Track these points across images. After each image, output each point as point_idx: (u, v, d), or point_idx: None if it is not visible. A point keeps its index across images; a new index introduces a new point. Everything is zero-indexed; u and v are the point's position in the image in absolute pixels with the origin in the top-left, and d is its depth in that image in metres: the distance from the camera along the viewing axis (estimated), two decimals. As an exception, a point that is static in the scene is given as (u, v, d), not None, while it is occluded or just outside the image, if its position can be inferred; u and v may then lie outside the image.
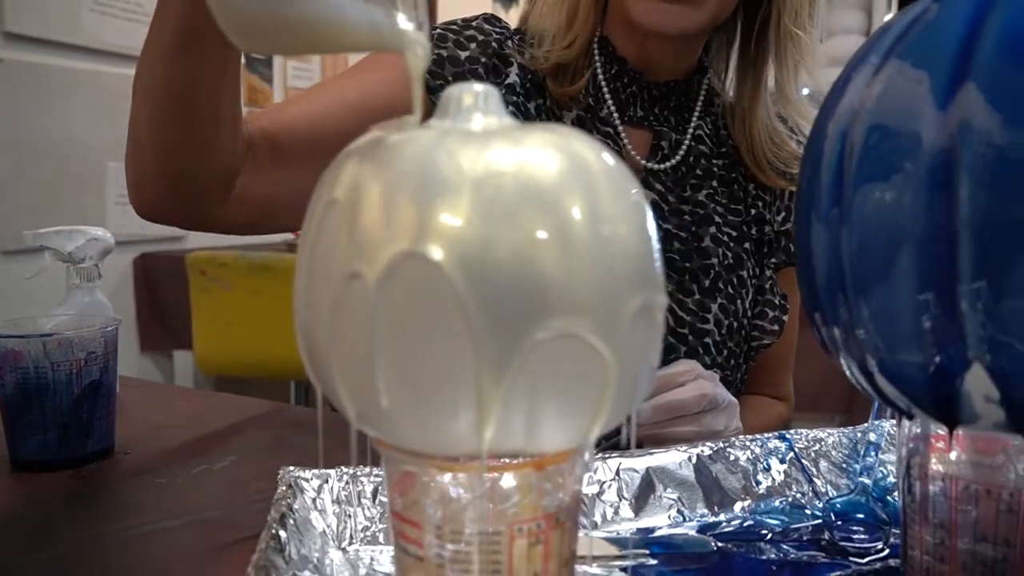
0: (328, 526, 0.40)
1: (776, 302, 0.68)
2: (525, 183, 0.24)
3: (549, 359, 0.24)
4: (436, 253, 0.23)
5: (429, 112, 0.28)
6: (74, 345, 0.52)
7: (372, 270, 0.24)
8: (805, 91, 0.67)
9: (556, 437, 0.26)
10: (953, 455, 0.31)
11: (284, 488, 0.39)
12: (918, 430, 0.33)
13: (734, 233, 0.67)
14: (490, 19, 0.69)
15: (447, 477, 0.26)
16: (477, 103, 0.27)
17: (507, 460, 0.26)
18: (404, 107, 0.28)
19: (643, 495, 0.43)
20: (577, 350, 0.24)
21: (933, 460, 0.31)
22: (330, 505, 0.40)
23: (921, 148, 0.26)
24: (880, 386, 0.29)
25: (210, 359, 1.77)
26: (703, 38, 0.66)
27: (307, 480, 0.41)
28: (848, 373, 0.32)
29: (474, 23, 0.68)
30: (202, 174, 0.55)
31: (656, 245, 0.26)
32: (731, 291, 0.66)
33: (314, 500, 0.40)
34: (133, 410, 0.65)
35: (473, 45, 0.66)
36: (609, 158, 0.26)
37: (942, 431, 0.31)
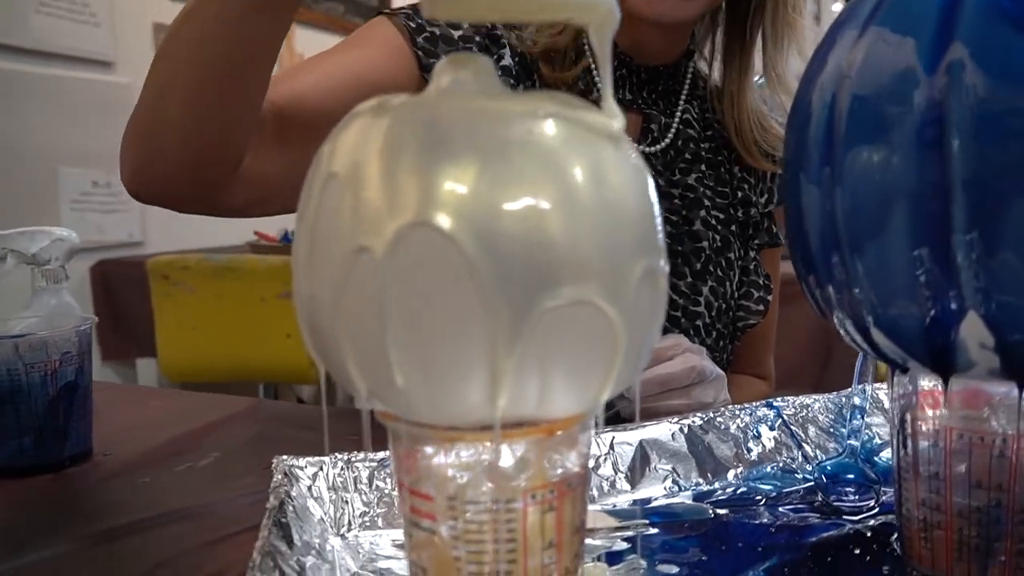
0: (326, 513, 0.39)
1: (760, 283, 0.69)
2: (531, 148, 0.24)
3: (560, 325, 0.24)
4: (445, 222, 0.23)
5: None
6: (48, 346, 0.50)
7: (379, 243, 0.23)
8: (758, 79, 0.68)
9: (566, 402, 0.26)
10: (942, 410, 0.32)
11: (280, 476, 0.38)
12: (910, 387, 0.34)
13: (722, 216, 0.68)
14: None
15: (459, 447, 0.26)
16: (474, 72, 0.27)
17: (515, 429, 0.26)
18: (400, 83, 0.28)
19: (638, 467, 0.43)
20: (587, 316, 0.24)
21: (927, 413, 0.32)
22: (326, 492, 0.40)
23: (911, 108, 0.27)
24: (876, 341, 0.30)
25: (175, 365, 1.73)
26: (694, 24, 0.67)
27: (302, 468, 0.40)
28: (842, 331, 0.33)
29: None
30: (227, 149, 0.52)
31: (658, 211, 0.27)
32: (720, 273, 0.67)
33: (310, 488, 0.40)
34: (107, 413, 0.63)
35: (466, 24, 0.65)
36: (610, 123, 0.26)
37: (931, 386, 0.32)
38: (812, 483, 0.43)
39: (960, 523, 0.32)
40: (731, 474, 0.44)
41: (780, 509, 0.41)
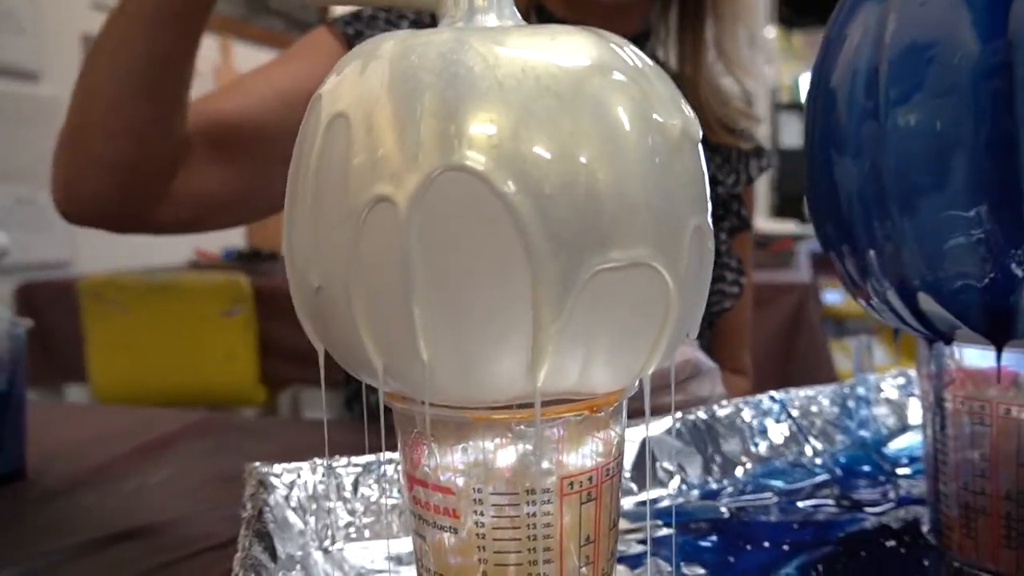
0: (307, 525, 0.35)
1: (732, 265, 0.68)
2: (570, 86, 0.21)
3: (610, 287, 0.21)
4: (483, 165, 0.20)
5: None
6: (-25, 351, 0.45)
7: (402, 191, 0.20)
8: None
9: (609, 376, 0.23)
10: (989, 386, 0.30)
11: (255, 483, 0.34)
12: (934, 367, 0.32)
13: None
14: None
15: (487, 430, 0.23)
16: (490, 3, 0.24)
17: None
18: None
19: (642, 467, 0.40)
20: (640, 278, 0.21)
21: (968, 390, 0.30)
22: (306, 501, 0.36)
23: (971, 57, 0.25)
24: (923, 308, 0.28)
25: (108, 389, 1.63)
26: (645, 6, 0.66)
27: (277, 476, 0.36)
28: (877, 302, 0.30)
29: None
30: (152, 163, 0.51)
31: (704, 160, 0.24)
32: None
33: (287, 497, 0.35)
34: (40, 430, 0.57)
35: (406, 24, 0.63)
36: (648, 59, 0.24)
37: (973, 362, 0.30)
38: (827, 476, 0.40)
39: (1007, 507, 0.29)
40: (739, 471, 0.42)
41: (797, 504, 0.38)
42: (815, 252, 1.98)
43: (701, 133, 0.23)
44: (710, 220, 0.24)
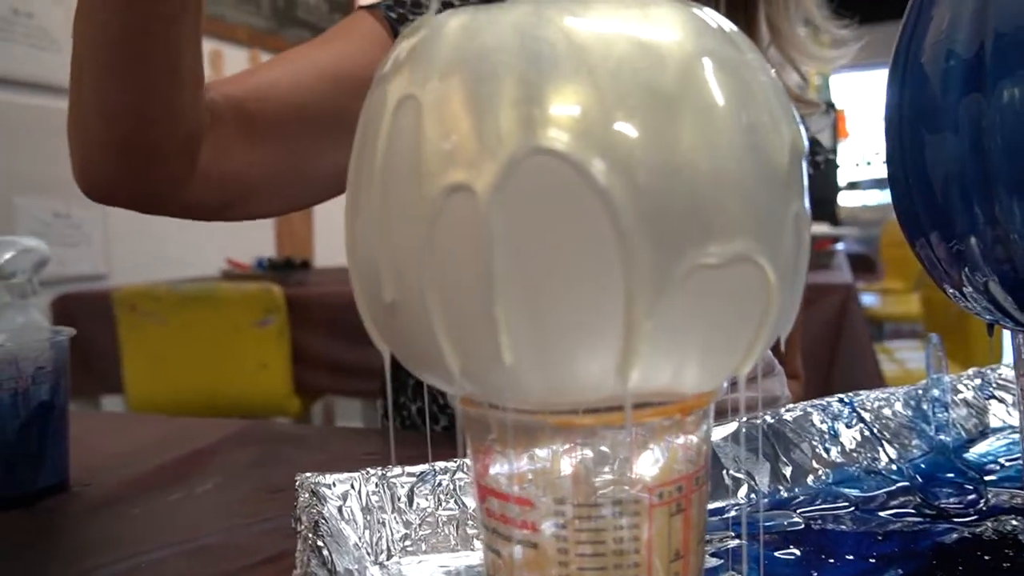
0: (360, 537, 0.33)
1: None
2: (666, 63, 0.19)
3: (709, 280, 0.19)
4: (574, 147, 0.18)
5: None
6: (19, 360, 0.44)
7: (481, 178, 0.18)
8: None
9: (702, 375, 0.21)
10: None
11: (307, 495, 0.32)
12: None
13: None
14: None
15: (570, 436, 0.21)
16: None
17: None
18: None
19: (709, 474, 0.38)
20: (741, 271, 0.20)
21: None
22: (359, 513, 0.34)
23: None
24: (1031, 299, 0.26)
25: (143, 400, 1.64)
26: None
27: (329, 486, 0.34)
28: (972, 292, 0.28)
29: None
30: (159, 142, 0.48)
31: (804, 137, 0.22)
32: None
33: (340, 509, 0.34)
34: (85, 441, 0.56)
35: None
36: (741, 33, 0.22)
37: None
38: (906, 484, 0.38)
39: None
40: (810, 478, 0.39)
41: (877, 514, 0.36)
42: (851, 253, 1.94)
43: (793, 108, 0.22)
44: (808, 207, 0.22)
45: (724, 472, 0.39)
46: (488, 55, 0.19)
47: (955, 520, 0.35)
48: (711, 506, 0.37)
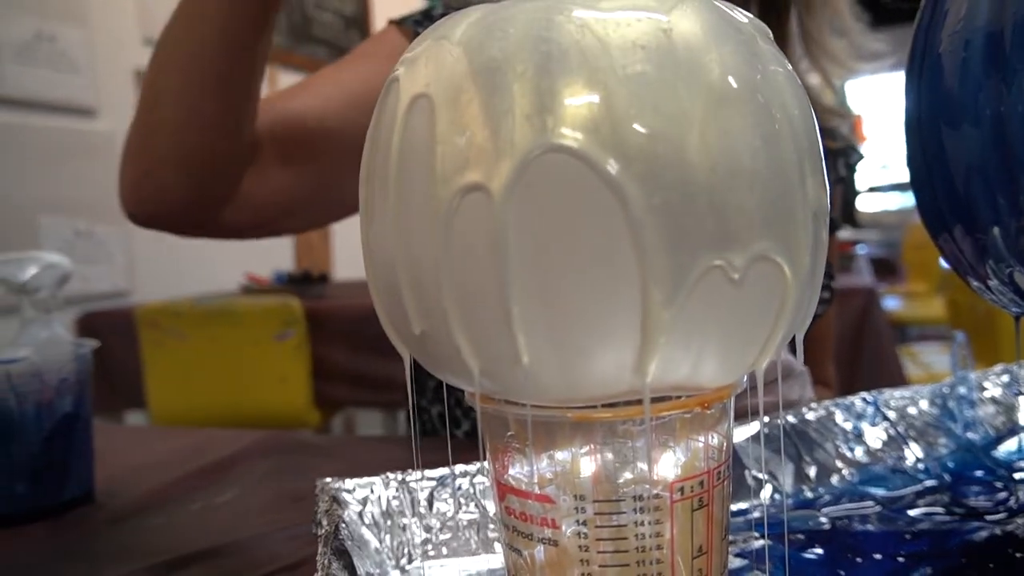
0: (382, 542, 0.33)
1: (824, 269, 0.64)
2: (682, 57, 0.19)
3: (725, 280, 0.19)
4: (586, 145, 0.18)
5: None
6: (43, 372, 0.44)
7: (495, 177, 0.18)
8: None
9: (721, 368, 0.21)
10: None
11: (328, 500, 0.32)
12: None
13: None
14: None
15: (589, 431, 0.21)
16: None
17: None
18: None
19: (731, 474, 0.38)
20: (759, 270, 0.19)
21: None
22: (380, 518, 0.34)
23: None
24: (1059, 288, 0.25)
25: (166, 415, 1.65)
26: None
27: (349, 491, 0.34)
28: (997, 284, 0.28)
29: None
30: (222, 162, 0.50)
31: (819, 135, 0.22)
32: None
33: (360, 514, 0.34)
34: (107, 454, 0.57)
35: None
36: (762, 25, 0.22)
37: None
38: (934, 483, 0.37)
39: None
40: (835, 478, 0.39)
41: (906, 513, 0.35)
42: (872, 257, 1.92)
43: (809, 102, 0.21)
44: (828, 205, 0.22)
45: (746, 472, 0.38)
46: (501, 54, 0.19)
47: (985, 518, 0.34)
48: (734, 507, 0.37)
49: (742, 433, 0.39)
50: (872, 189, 4.95)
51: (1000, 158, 0.25)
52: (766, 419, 0.40)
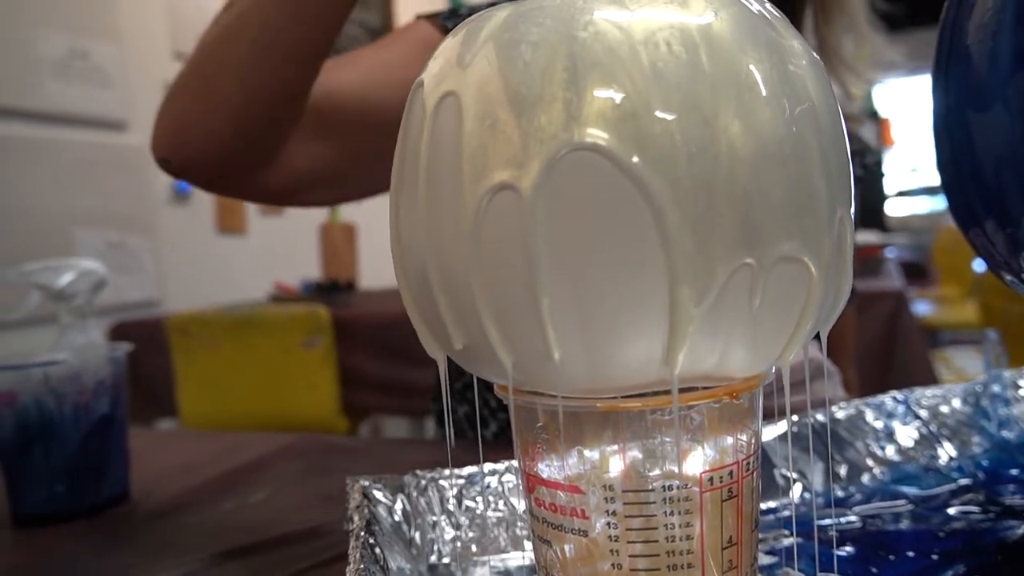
0: (412, 540, 0.34)
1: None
2: (710, 54, 0.19)
3: (753, 276, 0.19)
4: (613, 143, 0.18)
5: None
6: (81, 375, 0.45)
7: (525, 176, 0.19)
8: None
9: (749, 358, 0.21)
10: None
11: (359, 496, 0.33)
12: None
13: None
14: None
15: (619, 421, 0.21)
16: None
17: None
18: None
19: (761, 473, 0.38)
20: (786, 270, 0.20)
21: None
22: (411, 516, 0.34)
23: None
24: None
25: (197, 422, 1.67)
26: None
27: (380, 489, 0.35)
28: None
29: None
30: (277, 123, 0.50)
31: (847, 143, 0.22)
32: None
33: (390, 511, 0.34)
34: (143, 456, 0.58)
35: None
36: (787, 21, 0.22)
37: None
38: (968, 481, 0.37)
39: None
40: (866, 477, 0.39)
41: (939, 512, 0.35)
42: (903, 261, 1.89)
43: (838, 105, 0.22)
44: (853, 205, 0.22)
45: (776, 471, 0.38)
46: (529, 53, 0.20)
47: (1022, 516, 0.33)
48: (764, 506, 0.37)
49: (771, 432, 0.39)
50: (901, 193, 4.88)
51: (1031, 148, 0.25)
52: (795, 418, 0.40)
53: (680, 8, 0.20)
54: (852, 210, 0.22)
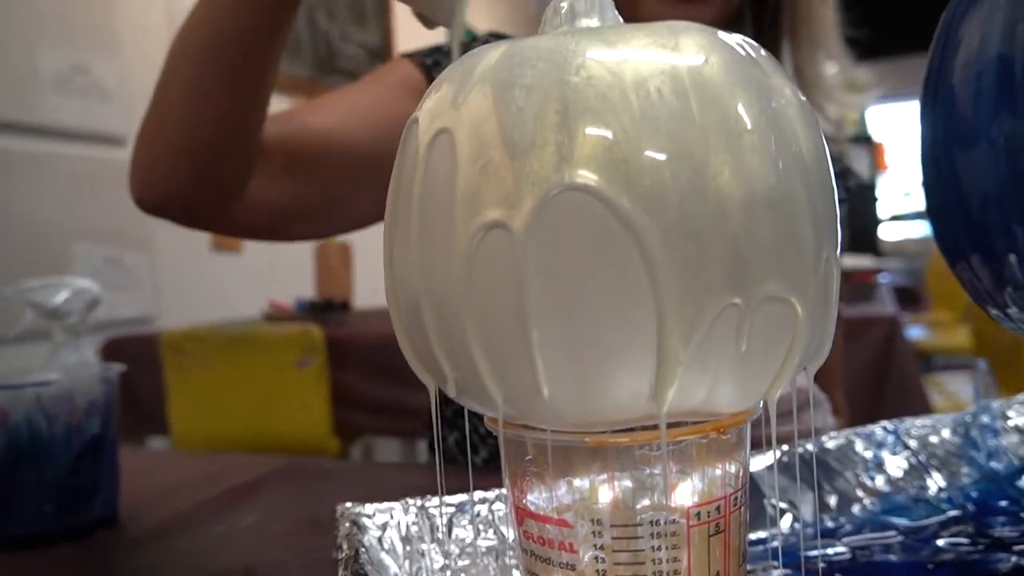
0: (400, 568, 0.33)
1: None
2: (699, 94, 0.20)
3: (740, 315, 0.19)
4: (603, 184, 0.19)
5: None
6: (73, 395, 0.45)
7: (517, 214, 0.19)
8: None
9: (736, 395, 0.21)
10: None
11: (348, 525, 0.33)
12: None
13: None
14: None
15: (606, 456, 0.21)
16: (591, 7, 0.23)
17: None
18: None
19: (750, 503, 0.38)
20: (772, 310, 0.20)
21: None
22: (399, 543, 0.34)
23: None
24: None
25: (188, 441, 1.67)
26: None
27: (369, 516, 0.35)
28: (1016, 312, 0.28)
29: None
30: (230, 155, 0.51)
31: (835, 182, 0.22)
32: None
33: (380, 539, 0.34)
34: (131, 477, 0.58)
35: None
36: (774, 62, 0.22)
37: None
38: (957, 513, 0.37)
39: None
40: (856, 507, 0.39)
41: (928, 543, 0.35)
42: (896, 286, 1.90)
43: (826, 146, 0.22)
44: (840, 247, 0.22)
45: (765, 501, 0.38)
46: (522, 93, 0.20)
47: (1013, 548, 0.33)
48: (753, 536, 0.37)
49: (760, 462, 0.39)
50: (894, 217, 4.91)
51: (1014, 187, 0.25)
52: (784, 448, 0.40)
53: (672, 51, 0.20)
54: (838, 251, 0.22)
